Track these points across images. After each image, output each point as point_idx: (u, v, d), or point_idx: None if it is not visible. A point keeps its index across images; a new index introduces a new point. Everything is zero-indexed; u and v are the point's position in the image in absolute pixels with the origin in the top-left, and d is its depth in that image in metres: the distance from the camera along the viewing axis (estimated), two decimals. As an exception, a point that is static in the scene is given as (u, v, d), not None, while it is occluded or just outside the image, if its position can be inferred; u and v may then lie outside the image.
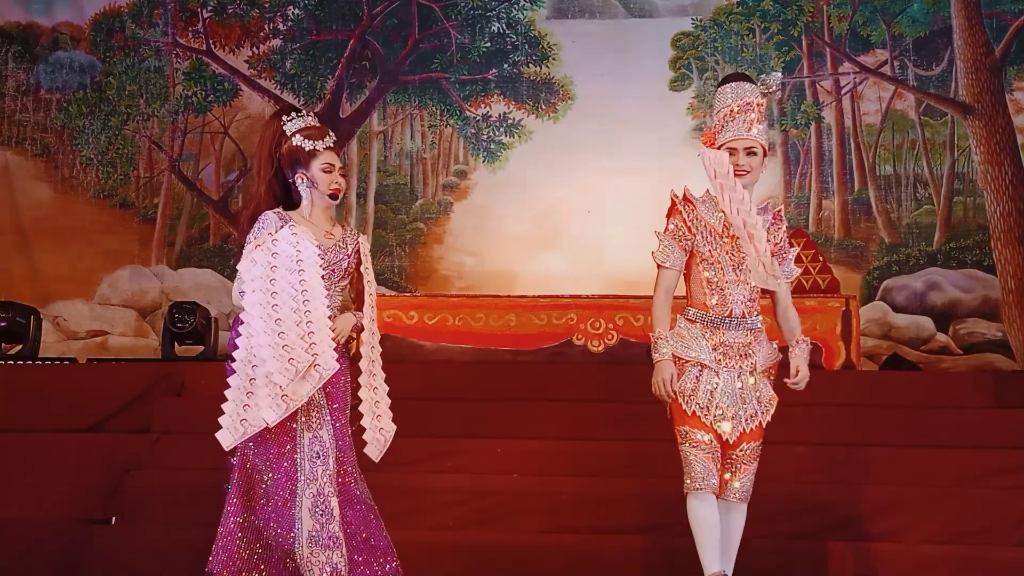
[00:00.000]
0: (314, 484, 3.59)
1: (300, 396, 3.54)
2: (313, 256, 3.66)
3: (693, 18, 9.06)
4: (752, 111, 3.86)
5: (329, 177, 3.79)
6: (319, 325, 3.59)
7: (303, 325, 3.56)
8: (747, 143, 3.85)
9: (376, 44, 9.25)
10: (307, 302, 3.60)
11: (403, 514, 4.51)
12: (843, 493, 4.90)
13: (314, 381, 3.55)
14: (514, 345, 6.83)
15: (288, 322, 3.55)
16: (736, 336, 3.85)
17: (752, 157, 3.86)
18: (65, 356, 8.12)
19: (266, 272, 3.60)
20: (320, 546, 3.55)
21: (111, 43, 9.37)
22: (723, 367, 3.83)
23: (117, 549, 4.89)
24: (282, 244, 3.65)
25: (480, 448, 5.32)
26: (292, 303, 3.58)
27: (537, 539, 4.79)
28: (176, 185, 9.21)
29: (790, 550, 4.61)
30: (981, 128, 8.62)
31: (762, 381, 3.88)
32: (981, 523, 4.75)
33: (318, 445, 3.64)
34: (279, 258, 3.63)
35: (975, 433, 5.42)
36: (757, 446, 3.86)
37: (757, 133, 3.85)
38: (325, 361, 3.57)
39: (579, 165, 8.72)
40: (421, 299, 7.34)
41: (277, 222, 3.71)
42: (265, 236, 3.67)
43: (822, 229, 8.68)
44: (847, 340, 6.63)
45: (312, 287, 3.62)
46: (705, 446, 3.81)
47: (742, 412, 3.81)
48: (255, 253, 3.65)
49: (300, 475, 3.60)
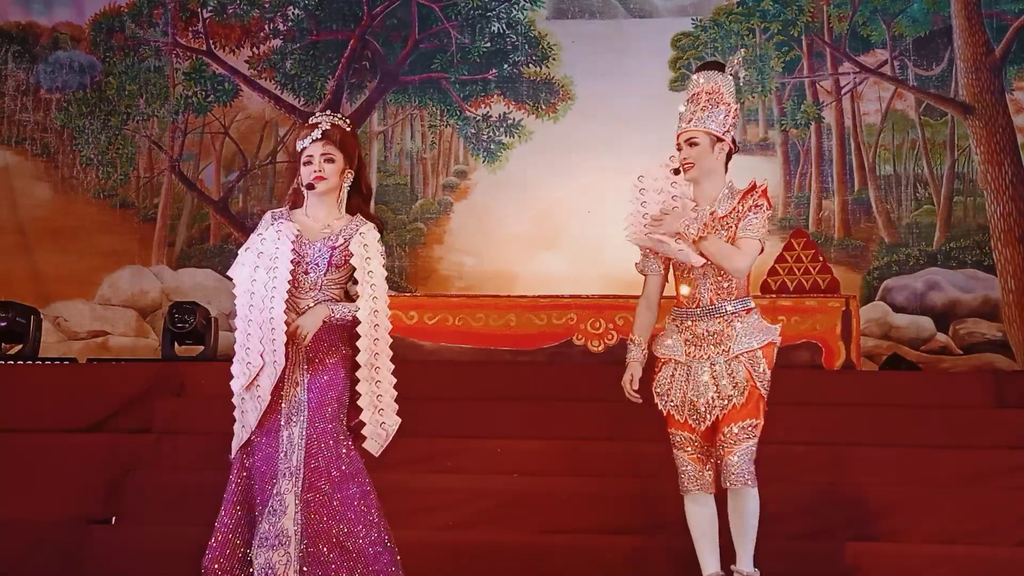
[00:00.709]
0: (294, 482, 3.61)
1: (266, 390, 3.65)
2: (286, 253, 3.70)
3: (693, 18, 9.06)
4: (697, 101, 3.90)
5: (307, 169, 3.81)
6: (277, 322, 3.64)
7: (265, 324, 3.64)
8: (686, 135, 3.90)
9: (376, 44, 9.25)
10: (272, 299, 3.66)
11: (403, 514, 4.50)
12: (843, 493, 4.90)
13: (272, 376, 3.64)
14: (514, 345, 6.82)
15: (255, 323, 3.65)
16: (709, 325, 3.86)
17: (694, 147, 3.87)
18: (65, 356, 8.12)
19: (249, 273, 3.72)
20: (264, 546, 3.56)
21: (111, 43, 9.37)
22: (695, 359, 3.85)
23: (117, 549, 4.88)
24: (267, 243, 3.73)
25: (480, 448, 5.31)
26: (261, 303, 3.66)
27: (537, 539, 4.79)
28: (176, 185, 9.21)
29: (790, 550, 4.60)
30: (981, 128, 8.62)
31: (737, 365, 3.81)
32: (981, 523, 4.75)
33: (287, 443, 3.66)
34: (262, 258, 3.71)
35: (975, 433, 5.42)
36: (743, 427, 3.77)
37: (697, 121, 3.87)
38: (279, 359, 3.63)
39: (579, 165, 8.71)
40: (421, 299, 7.33)
41: (269, 221, 3.79)
42: (254, 237, 3.78)
43: (822, 229, 8.68)
44: (847, 340, 6.62)
45: (279, 284, 3.67)
46: (688, 445, 3.84)
47: (714, 399, 3.79)
48: (243, 255, 3.77)
49: (281, 477, 3.62)
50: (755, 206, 3.86)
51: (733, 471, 3.76)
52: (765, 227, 3.88)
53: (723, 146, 3.91)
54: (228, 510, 3.72)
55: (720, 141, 3.90)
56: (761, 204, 3.87)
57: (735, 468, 3.76)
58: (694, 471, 3.83)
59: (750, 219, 3.84)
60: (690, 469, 3.83)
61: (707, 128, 3.87)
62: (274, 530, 3.56)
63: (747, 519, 3.82)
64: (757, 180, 3.93)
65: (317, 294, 3.78)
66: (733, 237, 3.86)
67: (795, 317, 6.58)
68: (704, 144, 3.88)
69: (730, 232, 3.87)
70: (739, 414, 3.77)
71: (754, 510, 3.82)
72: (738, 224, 3.85)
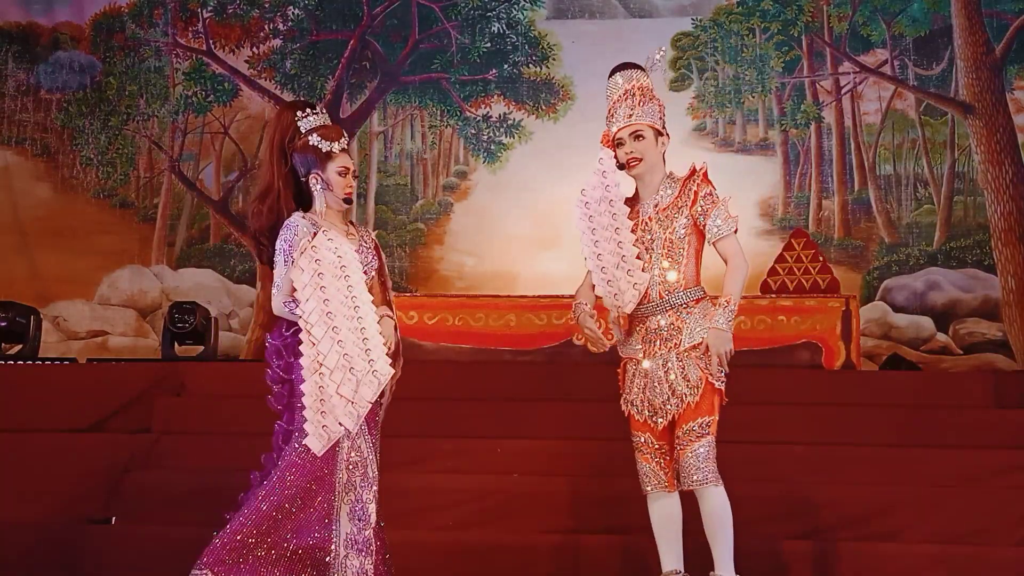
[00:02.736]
0: (352, 491, 3.62)
1: (365, 402, 3.60)
2: (354, 261, 3.67)
3: (693, 18, 9.07)
4: (632, 97, 3.89)
5: (343, 180, 3.76)
6: (371, 331, 3.61)
7: (357, 332, 3.59)
8: (631, 128, 3.87)
9: (376, 44, 9.26)
10: (357, 308, 3.62)
11: (403, 514, 4.50)
12: (843, 493, 4.90)
13: (374, 387, 3.60)
14: (514, 345, 6.82)
15: (344, 330, 3.58)
16: (661, 319, 3.84)
17: (640, 141, 3.86)
18: (65, 356, 8.13)
19: (314, 280, 3.60)
20: (355, 550, 3.58)
21: (111, 43, 9.38)
22: (649, 356, 3.84)
23: (117, 549, 4.88)
24: (323, 251, 3.63)
25: (480, 448, 5.31)
26: (344, 310, 3.60)
27: (537, 539, 4.78)
28: (176, 185, 9.22)
29: (790, 550, 4.60)
30: (981, 127, 8.62)
31: (689, 361, 3.77)
32: (981, 523, 4.74)
33: (356, 454, 3.64)
34: (323, 265, 3.62)
35: (975, 433, 5.41)
36: (697, 425, 3.73)
37: (639, 116, 3.86)
38: (382, 367, 3.61)
39: (579, 165, 8.63)
40: (421, 299, 7.32)
41: (311, 228, 3.68)
42: (305, 243, 3.64)
43: (822, 229, 8.68)
44: (847, 340, 6.62)
45: (359, 293, 3.64)
46: (643, 447, 3.86)
47: (669, 398, 3.77)
48: (301, 261, 3.62)
49: (337, 483, 3.61)
50: (707, 196, 3.80)
51: (689, 471, 3.74)
52: (728, 213, 3.79)
53: (664, 140, 3.93)
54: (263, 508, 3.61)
55: (661, 135, 3.91)
56: (711, 193, 3.82)
57: (690, 467, 3.73)
58: (649, 471, 3.85)
59: (713, 218, 3.78)
60: (645, 469, 3.86)
61: (651, 121, 3.88)
62: (362, 537, 3.60)
63: (715, 520, 3.76)
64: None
65: None
66: (684, 228, 3.82)
67: (795, 317, 6.58)
68: (649, 137, 3.88)
69: (675, 223, 3.83)
70: (693, 412, 3.74)
71: (721, 511, 3.75)
72: (691, 209, 3.80)
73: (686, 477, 3.75)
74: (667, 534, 3.86)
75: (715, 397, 3.78)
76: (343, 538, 3.58)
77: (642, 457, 3.86)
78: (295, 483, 3.59)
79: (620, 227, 3.86)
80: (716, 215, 3.79)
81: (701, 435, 3.74)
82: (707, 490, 3.74)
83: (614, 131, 3.91)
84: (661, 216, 3.87)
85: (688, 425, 3.75)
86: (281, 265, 3.67)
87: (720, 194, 3.83)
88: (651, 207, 3.89)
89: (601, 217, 3.90)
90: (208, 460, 5.32)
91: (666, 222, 3.85)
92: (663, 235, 3.85)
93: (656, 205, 3.89)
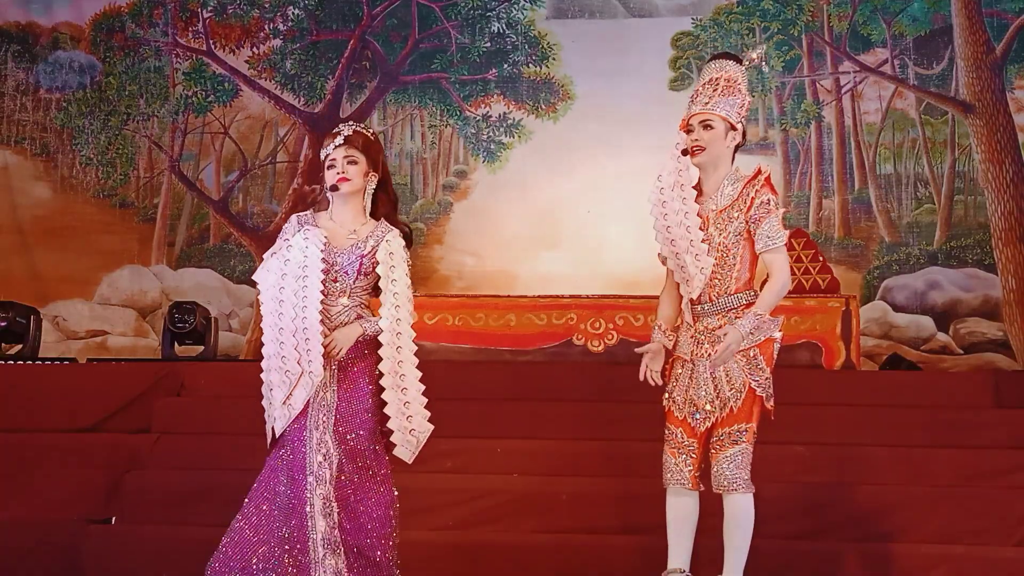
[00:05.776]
0: (323, 486, 3.62)
1: (299, 402, 3.62)
2: (316, 261, 3.67)
3: (693, 18, 9.06)
4: (714, 86, 3.81)
5: (331, 172, 3.82)
6: (312, 332, 3.62)
7: (299, 333, 3.61)
8: (701, 116, 3.80)
9: (376, 44, 9.25)
10: (305, 308, 3.63)
11: (403, 514, 4.47)
12: (843, 493, 4.90)
13: (308, 388, 3.62)
14: (514, 345, 6.82)
15: (287, 331, 3.62)
16: (711, 321, 3.81)
17: (708, 131, 3.79)
18: (65, 356, 8.12)
19: (277, 280, 3.67)
20: (330, 549, 3.59)
21: (111, 43, 9.37)
22: (699, 357, 3.81)
23: (117, 549, 4.88)
24: (294, 250, 3.69)
25: (480, 448, 5.31)
26: (293, 311, 3.63)
27: (537, 539, 4.79)
28: (176, 185, 9.21)
29: (790, 550, 4.60)
30: (982, 127, 8.62)
31: (734, 366, 3.74)
32: (981, 523, 4.75)
33: (324, 448, 3.65)
34: (289, 265, 3.67)
35: (975, 433, 5.41)
36: (734, 432, 3.73)
37: (714, 105, 3.79)
38: (316, 368, 3.61)
39: (579, 165, 8.71)
40: (421, 299, 7.26)
41: (296, 227, 3.77)
42: (280, 242, 3.75)
43: (822, 228, 8.67)
44: (847, 340, 6.62)
45: (311, 294, 3.65)
46: (672, 440, 3.83)
47: (713, 401, 3.75)
48: (269, 261, 3.73)
49: (309, 475, 3.61)
50: (764, 204, 3.75)
51: (721, 475, 3.73)
52: (780, 225, 3.76)
53: (735, 135, 3.84)
54: (253, 509, 3.69)
55: (733, 129, 3.82)
56: (768, 201, 3.76)
57: (722, 473, 3.73)
58: (673, 465, 3.81)
59: (765, 227, 3.74)
60: (670, 463, 3.82)
61: (724, 113, 3.79)
62: (332, 536, 3.61)
63: (735, 528, 3.75)
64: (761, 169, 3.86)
65: (346, 300, 3.79)
66: (738, 233, 3.78)
67: (795, 317, 6.57)
68: (719, 129, 3.79)
69: (730, 226, 3.78)
70: (732, 418, 3.73)
71: (744, 519, 3.74)
72: (746, 214, 3.75)
73: (718, 481, 3.74)
74: (679, 531, 3.85)
75: (756, 406, 3.76)
76: (320, 536, 3.59)
77: (669, 450, 3.83)
78: (267, 480, 3.69)
79: (689, 211, 3.78)
80: (768, 225, 3.75)
81: (737, 441, 3.73)
82: (734, 497, 3.74)
83: (689, 114, 3.85)
84: (718, 219, 3.81)
85: (726, 429, 3.74)
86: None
87: (775, 204, 3.78)
88: (709, 207, 3.83)
89: (673, 202, 3.82)
90: (208, 460, 5.33)
91: (722, 224, 3.80)
92: (718, 238, 3.80)
93: (715, 207, 3.82)
